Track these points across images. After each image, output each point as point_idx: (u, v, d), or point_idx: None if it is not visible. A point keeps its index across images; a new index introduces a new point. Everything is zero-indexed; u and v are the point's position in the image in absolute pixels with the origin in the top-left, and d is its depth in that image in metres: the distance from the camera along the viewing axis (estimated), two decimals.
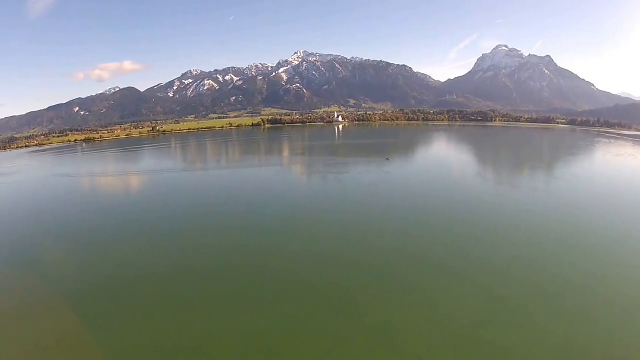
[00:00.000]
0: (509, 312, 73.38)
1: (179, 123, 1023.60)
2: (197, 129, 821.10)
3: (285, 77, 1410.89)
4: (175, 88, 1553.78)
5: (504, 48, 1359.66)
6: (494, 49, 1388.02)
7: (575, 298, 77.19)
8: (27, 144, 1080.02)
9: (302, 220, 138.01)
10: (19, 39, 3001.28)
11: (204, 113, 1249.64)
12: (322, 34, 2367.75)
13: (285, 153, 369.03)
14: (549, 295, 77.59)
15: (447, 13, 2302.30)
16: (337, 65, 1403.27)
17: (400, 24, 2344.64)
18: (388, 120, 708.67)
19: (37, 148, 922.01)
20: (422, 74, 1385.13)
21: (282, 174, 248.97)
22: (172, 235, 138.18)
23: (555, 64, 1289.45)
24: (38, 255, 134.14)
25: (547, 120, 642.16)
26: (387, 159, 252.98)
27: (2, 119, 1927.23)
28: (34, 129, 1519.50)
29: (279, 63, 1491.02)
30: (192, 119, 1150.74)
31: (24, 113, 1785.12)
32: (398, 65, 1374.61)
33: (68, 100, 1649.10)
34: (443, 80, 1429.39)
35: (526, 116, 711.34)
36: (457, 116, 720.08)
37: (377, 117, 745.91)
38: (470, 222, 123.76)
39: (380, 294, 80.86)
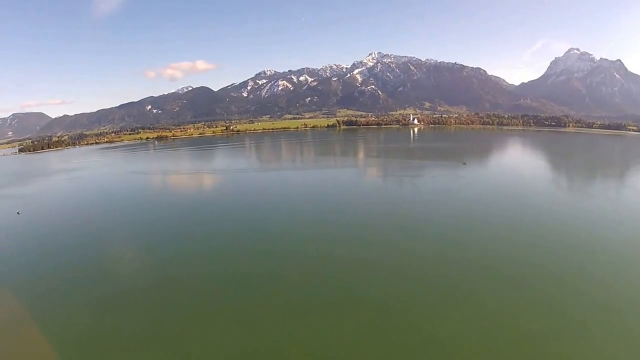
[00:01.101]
0: (570, 326, 73.16)
1: (253, 123, 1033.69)
2: (272, 129, 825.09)
3: (360, 79, 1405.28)
4: (249, 88, 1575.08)
5: (575, 51, 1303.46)
6: (566, 52, 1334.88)
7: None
8: (96, 140, 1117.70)
9: (373, 226, 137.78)
10: (85, 39, 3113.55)
11: (278, 113, 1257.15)
12: (396, 35, 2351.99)
13: (361, 155, 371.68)
14: (612, 312, 76.01)
15: (520, 14, 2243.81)
16: (411, 67, 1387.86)
17: (475, 24, 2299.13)
18: (463, 123, 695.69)
19: (107, 145, 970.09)
20: (496, 76, 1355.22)
21: (357, 176, 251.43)
22: (244, 235, 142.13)
23: (625, 68, 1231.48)
24: (107, 251, 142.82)
25: (619, 127, 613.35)
26: (464, 163, 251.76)
27: (71, 116, 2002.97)
28: (104, 126, 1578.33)
29: (354, 64, 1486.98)
30: (267, 119, 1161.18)
31: (93, 110, 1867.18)
32: (472, 67, 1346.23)
33: (140, 99, 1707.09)
34: (516, 83, 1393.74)
35: (598, 122, 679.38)
36: (532, 121, 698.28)
37: (452, 120, 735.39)
38: (539, 232, 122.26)
39: (443, 305, 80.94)
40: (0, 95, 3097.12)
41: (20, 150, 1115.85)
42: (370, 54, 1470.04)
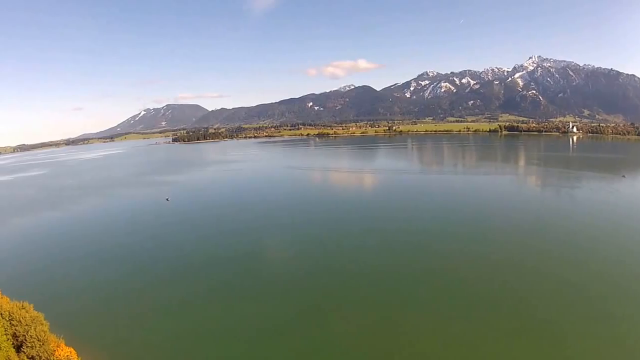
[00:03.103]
0: None
1: (415, 124, 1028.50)
2: (435, 131, 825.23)
3: (520, 83, 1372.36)
4: (411, 89, 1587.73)
5: None
6: None
7: None
8: (255, 134, 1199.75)
9: (528, 236, 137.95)
10: (243, 36, 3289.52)
11: (441, 115, 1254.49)
12: (555, 38, 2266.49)
13: (521, 162, 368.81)
14: None
15: None
16: (570, 72, 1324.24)
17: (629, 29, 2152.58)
18: (619, 134, 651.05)
19: (266, 139, 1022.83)
20: None
21: (515, 184, 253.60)
22: (398, 234, 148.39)
23: None
24: (243, 245, 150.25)
25: None
26: (623, 176, 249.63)
27: (229, 109, 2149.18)
28: (263, 121, 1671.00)
29: (515, 68, 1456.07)
30: (430, 120, 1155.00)
31: (252, 105, 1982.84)
32: (627, 74, 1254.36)
33: (301, 95, 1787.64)
34: None
35: None
36: None
37: (609, 129, 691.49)
38: None
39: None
40: (156, 87, 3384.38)
41: (174, 140, 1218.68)
42: (530, 58, 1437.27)
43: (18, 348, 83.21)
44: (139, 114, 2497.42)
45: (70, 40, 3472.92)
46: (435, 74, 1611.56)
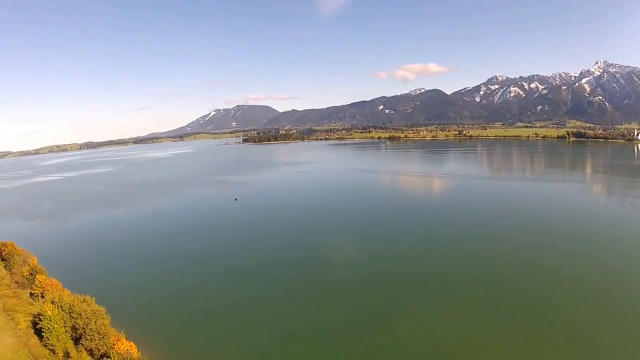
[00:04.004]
0: None
1: (485, 129, 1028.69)
2: (504, 136, 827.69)
3: (587, 88, 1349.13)
4: (481, 93, 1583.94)
5: None
6: None
7: None
8: (326, 136, 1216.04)
9: (594, 247, 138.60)
10: (312, 38, 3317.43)
11: (510, 121, 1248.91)
12: (621, 42, 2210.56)
13: (588, 169, 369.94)
14: None
15: None
16: (635, 78, 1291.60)
17: None
18: None
19: (337, 141, 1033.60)
20: None
21: (581, 193, 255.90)
22: (468, 240, 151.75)
23: None
24: (309, 248, 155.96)
25: None
26: None
27: (300, 111, 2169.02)
28: (334, 123, 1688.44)
29: (581, 73, 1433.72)
30: (499, 125, 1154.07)
31: (324, 107, 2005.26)
32: None
33: (372, 98, 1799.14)
34: None
35: None
36: None
37: None
38: None
39: None
40: (225, 88, 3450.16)
41: (245, 140, 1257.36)
42: (596, 63, 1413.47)
43: (77, 340, 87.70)
44: (209, 114, 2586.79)
45: (139, 42, 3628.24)
46: (504, 78, 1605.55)
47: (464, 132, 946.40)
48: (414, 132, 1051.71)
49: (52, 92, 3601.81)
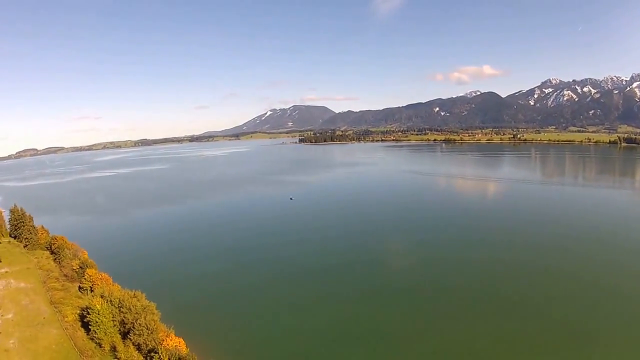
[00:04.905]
0: None
1: (539, 133, 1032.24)
2: (557, 141, 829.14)
3: (638, 93, 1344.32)
4: (535, 96, 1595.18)
5: None
6: None
7: None
8: (382, 138, 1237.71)
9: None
10: (367, 40, 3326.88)
11: (563, 125, 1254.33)
12: None
13: (638, 176, 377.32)
14: None
15: None
16: None
17: None
18: None
19: (393, 143, 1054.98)
20: None
21: (633, 199, 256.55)
22: (514, 246, 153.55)
23: None
24: (367, 250, 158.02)
25: None
26: None
27: (356, 112, 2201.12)
28: (390, 125, 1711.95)
29: (632, 77, 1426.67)
30: (552, 129, 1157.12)
31: (380, 108, 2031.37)
32: None
33: (427, 100, 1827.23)
34: None
35: None
36: None
37: None
38: None
39: None
40: (281, 88, 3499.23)
41: (301, 140, 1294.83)
42: None
43: (125, 335, 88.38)
44: (265, 113, 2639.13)
45: (196, 43, 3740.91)
46: (557, 81, 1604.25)
47: (519, 136, 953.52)
48: (469, 135, 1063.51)
49: (109, 91, 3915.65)
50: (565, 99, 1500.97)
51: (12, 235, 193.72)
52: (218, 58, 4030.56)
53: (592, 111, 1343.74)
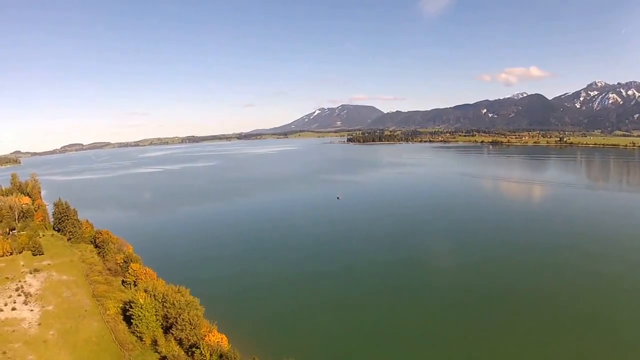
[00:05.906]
0: None
1: (585, 136, 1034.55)
2: (603, 144, 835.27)
3: None
4: (581, 99, 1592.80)
5: None
6: None
7: None
8: (430, 139, 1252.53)
9: None
10: (415, 41, 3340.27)
11: (609, 128, 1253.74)
12: None
13: None
14: None
15: None
16: None
17: None
18: None
19: (440, 144, 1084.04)
20: None
21: None
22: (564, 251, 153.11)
23: None
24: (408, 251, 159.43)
25: None
26: None
27: (404, 112, 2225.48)
28: (438, 126, 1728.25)
29: None
30: (598, 133, 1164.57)
31: (428, 109, 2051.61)
32: None
33: (475, 101, 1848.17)
34: None
35: None
36: None
37: None
38: None
39: None
40: (329, 87, 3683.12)
41: (349, 140, 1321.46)
42: None
43: (167, 329, 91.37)
44: (314, 112, 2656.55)
45: (245, 41, 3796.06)
46: (603, 84, 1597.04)
47: (565, 139, 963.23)
48: (516, 137, 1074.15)
49: (157, 89, 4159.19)
50: (610, 102, 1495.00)
51: (56, 228, 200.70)
52: (265, 56, 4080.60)
53: (637, 115, 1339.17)
